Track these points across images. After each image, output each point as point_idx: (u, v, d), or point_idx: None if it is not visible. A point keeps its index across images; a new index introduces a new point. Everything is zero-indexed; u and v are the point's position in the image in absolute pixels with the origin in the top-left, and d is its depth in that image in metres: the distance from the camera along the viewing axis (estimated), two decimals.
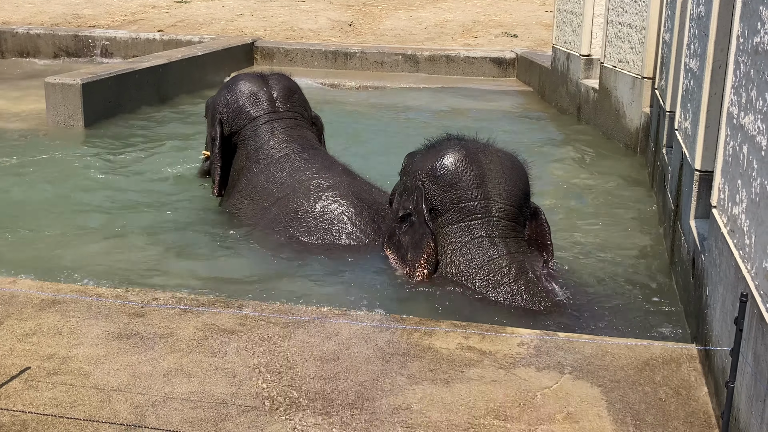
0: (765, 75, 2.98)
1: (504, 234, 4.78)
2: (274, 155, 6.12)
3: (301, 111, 6.56)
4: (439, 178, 4.84)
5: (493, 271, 4.67)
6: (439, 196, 4.83)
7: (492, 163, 4.88)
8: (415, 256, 4.78)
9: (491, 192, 4.80)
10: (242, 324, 3.90)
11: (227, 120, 6.34)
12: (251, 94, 6.37)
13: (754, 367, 2.72)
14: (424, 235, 4.76)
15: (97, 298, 4.14)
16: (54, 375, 3.38)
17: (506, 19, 17.57)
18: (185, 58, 12.07)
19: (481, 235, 4.74)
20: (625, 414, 3.21)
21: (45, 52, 15.31)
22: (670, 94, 6.37)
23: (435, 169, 4.86)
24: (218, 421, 3.09)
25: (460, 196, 4.79)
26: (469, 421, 3.13)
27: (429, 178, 4.87)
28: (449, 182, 4.82)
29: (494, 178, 4.83)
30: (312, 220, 5.55)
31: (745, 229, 3.13)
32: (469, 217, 4.76)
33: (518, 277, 4.64)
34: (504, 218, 4.80)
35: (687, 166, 4.89)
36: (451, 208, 4.80)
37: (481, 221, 4.76)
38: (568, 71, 11.12)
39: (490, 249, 4.71)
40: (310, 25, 17.25)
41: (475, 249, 4.73)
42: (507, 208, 4.82)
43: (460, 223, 4.78)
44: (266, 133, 6.26)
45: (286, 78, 6.72)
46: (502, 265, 4.69)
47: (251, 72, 6.85)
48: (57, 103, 9.30)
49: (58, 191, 7.02)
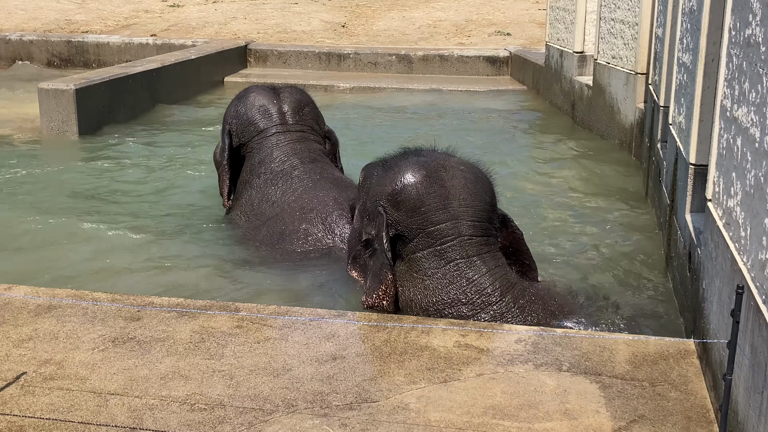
0: (757, 67, 2.98)
1: (479, 251, 4.43)
2: (274, 169, 6.05)
3: (311, 125, 6.42)
4: (401, 204, 4.44)
5: (477, 293, 4.35)
6: (404, 222, 4.44)
7: (454, 179, 4.50)
8: (373, 286, 4.45)
9: (457, 211, 4.44)
10: (239, 326, 3.89)
11: (236, 132, 6.27)
12: (261, 106, 6.28)
13: (751, 359, 2.72)
14: (383, 266, 4.42)
15: (93, 302, 4.13)
16: (50, 380, 3.37)
17: (499, 18, 17.58)
18: (179, 62, 12.06)
19: (455, 258, 4.39)
20: (623, 410, 3.20)
21: (38, 58, 15.29)
22: (663, 89, 6.37)
23: (395, 194, 4.46)
24: (216, 423, 3.08)
25: (426, 221, 4.42)
26: (467, 419, 3.12)
27: (390, 203, 4.47)
28: (412, 207, 4.43)
29: (458, 195, 4.46)
30: (297, 240, 5.52)
31: (740, 222, 3.12)
32: (439, 240, 4.40)
33: (505, 294, 4.35)
34: (475, 235, 4.44)
35: (682, 161, 4.90)
36: (418, 233, 4.43)
37: (452, 243, 4.41)
38: (562, 68, 11.13)
39: (468, 270, 4.38)
40: (303, 26, 17.25)
41: (453, 274, 4.38)
42: (477, 224, 4.47)
43: (431, 249, 4.42)
44: (271, 146, 6.17)
45: (299, 91, 6.60)
46: (485, 284, 4.35)
47: (264, 84, 6.74)
48: (50, 109, 9.28)
49: (52, 197, 7.00)
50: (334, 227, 5.50)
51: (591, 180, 7.85)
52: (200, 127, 10.13)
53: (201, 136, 9.56)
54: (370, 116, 10.99)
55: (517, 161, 8.54)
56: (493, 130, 10.09)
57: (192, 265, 5.48)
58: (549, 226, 6.19)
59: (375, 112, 11.27)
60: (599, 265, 5.54)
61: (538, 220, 6.44)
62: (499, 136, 9.80)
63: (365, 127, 10.26)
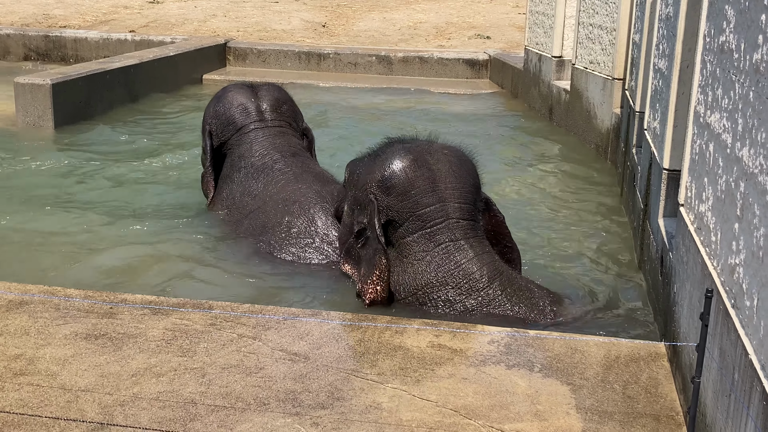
0: (730, 73, 3.01)
1: (466, 235, 4.60)
2: (254, 164, 6.04)
3: (290, 121, 6.44)
4: (391, 189, 4.61)
5: (464, 278, 4.49)
6: (395, 206, 4.61)
7: (439, 162, 4.69)
8: (368, 272, 4.55)
9: (444, 193, 4.61)
10: (212, 324, 3.88)
11: (216, 132, 6.25)
12: (240, 104, 6.26)
13: (719, 362, 2.75)
14: (376, 251, 4.53)
15: (66, 298, 4.10)
16: (21, 375, 3.35)
17: (479, 21, 17.63)
18: (157, 58, 11.99)
19: (444, 240, 4.55)
20: (593, 412, 3.23)
21: (15, 52, 15.15)
22: (639, 94, 6.43)
23: (385, 180, 4.63)
24: (187, 420, 3.07)
25: (416, 204, 4.59)
26: (439, 419, 3.13)
27: (380, 189, 4.63)
28: (402, 191, 4.60)
29: (445, 178, 4.64)
30: (279, 233, 5.50)
31: (711, 227, 3.16)
32: (429, 223, 4.57)
33: (492, 280, 4.47)
34: (462, 218, 4.62)
35: (655, 166, 4.94)
36: (408, 217, 4.59)
37: (441, 226, 4.57)
38: (540, 72, 11.18)
39: (456, 254, 4.53)
40: (284, 26, 17.22)
41: (441, 256, 4.53)
42: (463, 206, 4.64)
43: (421, 231, 4.58)
44: (250, 141, 6.17)
45: (277, 88, 6.60)
46: (472, 270, 4.50)
47: (242, 82, 6.71)
48: (26, 104, 9.20)
49: (25, 193, 6.94)
50: (317, 219, 5.49)
51: (567, 184, 7.89)
52: (177, 125, 10.08)
53: (178, 133, 9.51)
54: (348, 116, 10.99)
55: (493, 164, 8.55)
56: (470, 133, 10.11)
57: (167, 262, 5.44)
58: (523, 228, 6.21)
59: (353, 113, 11.27)
60: (572, 268, 5.56)
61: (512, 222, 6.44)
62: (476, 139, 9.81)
63: (343, 126, 10.25)
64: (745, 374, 2.43)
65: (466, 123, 10.80)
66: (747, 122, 2.71)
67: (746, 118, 2.73)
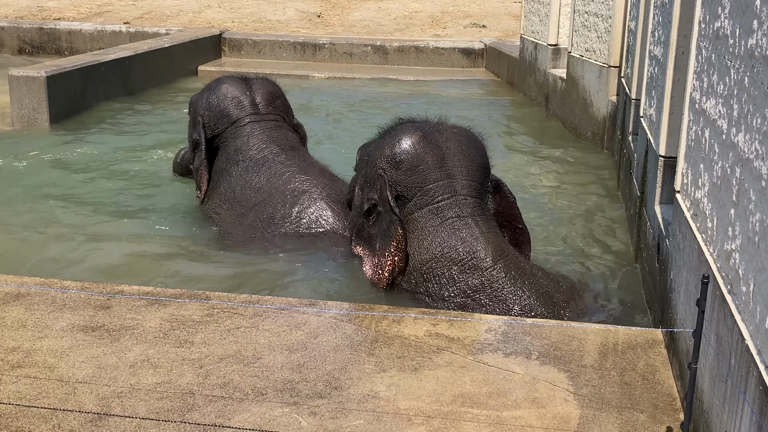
0: (725, 59, 3.01)
1: (473, 212, 4.63)
2: (253, 157, 5.96)
3: (283, 116, 6.41)
4: (400, 164, 4.70)
5: (468, 255, 4.49)
6: (403, 181, 4.69)
7: (449, 140, 4.79)
8: (384, 244, 4.60)
9: (453, 170, 4.69)
10: (209, 315, 3.88)
11: (209, 123, 6.17)
12: (234, 97, 6.20)
13: (716, 348, 2.75)
14: (391, 223, 4.59)
15: (62, 290, 4.10)
16: (18, 368, 3.34)
17: (475, 10, 17.60)
18: (152, 50, 11.96)
19: (450, 216, 4.59)
20: (591, 399, 3.23)
21: (9, 45, 15.10)
22: (635, 81, 6.42)
23: (394, 155, 4.73)
24: (185, 411, 3.07)
25: (424, 179, 4.66)
26: (436, 407, 3.13)
27: (389, 164, 4.73)
28: (410, 166, 4.69)
29: (453, 155, 4.73)
30: (288, 225, 5.44)
31: (707, 213, 3.16)
32: (436, 198, 4.63)
33: (496, 261, 4.47)
34: (470, 195, 4.68)
35: (652, 153, 4.94)
36: (416, 192, 4.67)
37: (448, 201, 4.63)
38: (536, 61, 11.17)
39: (462, 230, 4.56)
40: (279, 16, 17.18)
41: (447, 232, 4.57)
42: (471, 184, 4.70)
43: (429, 207, 4.64)
44: (246, 134, 6.10)
45: (270, 82, 6.56)
46: (477, 248, 4.50)
47: (235, 75, 6.65)
48: (21, 96, 9.17)
49: (21, 186, 6.93)
50: (328, 209, 5.45)
51: (563, 172, 7.89)
52: (172, 116, 10.05)
53: (173, 125, 9.49)
54: (343, 106, 10.97)
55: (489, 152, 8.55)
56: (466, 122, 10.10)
57: (164, 253, 5.44)
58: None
59: (348, 103, 11.25)
60: (569, 255, 5.57)
61: None
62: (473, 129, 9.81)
63: (338, 117, 10.23)
64: (742, 360, 2.43)
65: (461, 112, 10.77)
66: (742, 108, 2.71)
67: (741, 103, 2.73)
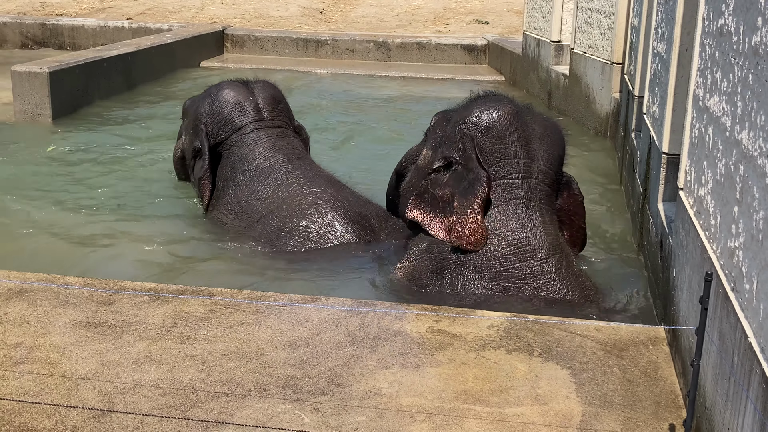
0: (729, 56, 3.00)
1: (541, 199, 4.66)
2: (259, 166, 5.82)
3: (287, 120, 6.28)
4: (489, 130, 4.67)
5: (526, 238, 4.53)
6: (487, 147, 4.66)
7: (535, 123, 4.79)
8: (466, 202, 4.53)
9: (534, 153, 4.70)
10: (212, 311, 3.88)
11: (212, 131, 6.01)
12: (237, 103, 6.05)
13: (719, 346, 2.75)
14: (477, 180, 4.54)
15: (65, 286, 4.10)
16: (21, 364, 3.35)
17: (477, 6, 17.58)
18: (154, 46, 11.95)
19: (520, 195, 4.60)
20: (593, 396, 3.23)
21: (12, 40, 15.10)
22: (638, 78, 6.41)
23: (484, 120, 4.70)
24: (187, 407, 3.07)
25: (507, 151, 4.65)
26: (439, 404, 3.13)
27: (477, 128, 4.69)
28: (498, 134, 4.67)
29: (538, 139, 4.74)
30: (297, 238, 5.34)
31: (710, 210, 3.16)
32: (512, 175, 4.63)
33: (551, 255, 4.52)
34: (543, 182, 4.70)
35: (655, 150, 4.93)
36: (495, 162, 4.64)
37: (522, 180, 4.63)
38: (539, 57, 11.15)
39: (525, 213, 4.58)
40: (281, 12, 17.16)
41: (512, 211, 4.58)
42: (546, 171, 4.73)
43: (502, 180, 4.62)
44: (252, 142, 5.95)
45: (272, 86, 6.42)
46: (537, 235, 4.55)
47: (235, 80, 6.47)
48: (24, 92, 9.17)
49: (24, 182, 6.93)
50: (335, 223, 5.34)
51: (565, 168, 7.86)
52: (175, 113, 10.03)
53: (176, 122, 9.47)
54: (345, 103, 10.96)
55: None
56: None
57: (166, 249, 5.44)
58: None
59: (351, 99, 11.24)
60: None
61: None
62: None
63: (339, 113, 10.23)
64: (745, 357, 2.43)
65: None
66: (746, 105, 2.71)
67: (745, 100, 2.72)
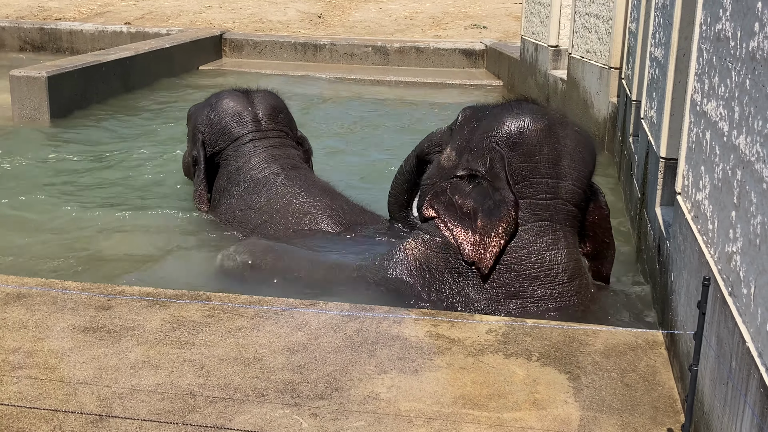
0: (726, 61, 3.01)
1: (566, 222, 4.43)
2: (254, 177, 5.81)
3: (286, 131, 6.24)
4: (518, 146, 4.39)
5: (549, 262, 4.34)
6: (516, 164, 4.39)
7: (567, 138, 4.48)
8: (490, 224, 4.29)
9: (563, 171, 4.43)
10: (210, 316, 3.88)
11: (210, 141, 6.01)
12: (235, 113, 6.02)
13: (717, 350, 2.75)
14: (503, 202, 4.28)
15: (63, 291, 4.10)
16: (19, 369, 3.35)
17: (475, 11, 17.60)
18: (153, 50, 11.97)
19: (545, 217, 4.38)
20: (591, 400, 3.23)
21: (10, 45, 15.11)
22: (636, 83, 6.42)
23: (514, 135, 4.40)
24: (186, 412, 3.07)
25: (535, 170, 4.38)
26: (437, 409, 3.13)
27: (507, 143, 4.40)
28: (527, 152, 4.38)
29: (568, 155, 4.46)
30: None
31: (708, 215, 3.16)
32: (539, 195, 4.38)
33: (573, 279, 4.36)
34: (570, 202, 4.44)
35: (652, 154, 4.94)
36: (522, 180, 4.37)
37: (548, 202, 4.39)
38: (537, 62, 11.17)
39: (550, 236, 4.37)
40: (279, 17, 17.18)
41: (536, 232, 4.36)
42: (575, 190, 4.46)
43: (527, 200, 4.37)
44: (248, 152, 5.94)
45: (273, 96, 6.36)
46: (560, 259, 4.35)
47: (237, 89, 6.42)
48: (22, 96, 9.18)
49: (21, 185, 6.93)
50: (328, 233, 5.33)
51: None
52: (173, 117, 10.05)
53: (174, 126, 9.49)
54: (342, 108, 10.97)
55: None
56: None
57: (164, 254, 5.44)
58: None
59: (348, 104, 11.25)
60: None
61: None
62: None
63: (338, 117, 10.24)
64: (743, 362, 2.43)
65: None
66: (743, 110, 2.71)
67: (743, 106, 2.73)
